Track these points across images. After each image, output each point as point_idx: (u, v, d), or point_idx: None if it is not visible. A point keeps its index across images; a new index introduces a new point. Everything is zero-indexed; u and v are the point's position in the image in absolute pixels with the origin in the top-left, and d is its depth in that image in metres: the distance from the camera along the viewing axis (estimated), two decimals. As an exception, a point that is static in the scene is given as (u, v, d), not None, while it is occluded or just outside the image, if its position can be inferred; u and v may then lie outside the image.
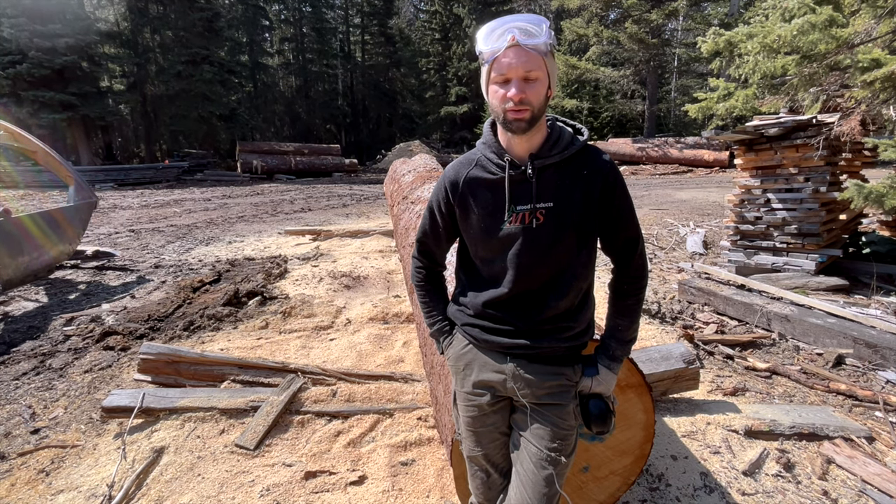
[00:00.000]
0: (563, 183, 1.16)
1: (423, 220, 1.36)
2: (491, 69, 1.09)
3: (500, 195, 1.18)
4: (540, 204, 1.15)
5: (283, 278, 5.01)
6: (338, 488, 1.98)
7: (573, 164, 1.16)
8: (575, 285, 1.20)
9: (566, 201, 1.15)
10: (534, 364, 1.22)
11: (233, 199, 12.62)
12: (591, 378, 1.24)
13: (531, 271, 1.18)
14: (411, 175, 4.89)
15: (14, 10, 16.61)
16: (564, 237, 1.16)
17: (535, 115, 1.09)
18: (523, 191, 1.16)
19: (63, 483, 2.05)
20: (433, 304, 1.42)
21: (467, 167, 1.25)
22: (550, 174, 1.16)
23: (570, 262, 1.18)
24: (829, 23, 3.75)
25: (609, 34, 20.18)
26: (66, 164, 5.15)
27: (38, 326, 3.85)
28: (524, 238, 1.16)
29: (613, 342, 1.26)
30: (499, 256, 1.21)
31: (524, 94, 1.06)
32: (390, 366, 3.05)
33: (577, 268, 1.19)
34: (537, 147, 1.16)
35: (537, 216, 1.15)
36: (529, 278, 1.19)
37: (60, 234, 4.90)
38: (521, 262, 1.18)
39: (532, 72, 1.06)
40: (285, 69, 33.45)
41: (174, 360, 2.74)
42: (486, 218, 1.20)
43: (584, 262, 1.20)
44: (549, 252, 1.16)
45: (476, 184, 1.22)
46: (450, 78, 33.86)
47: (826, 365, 3.01)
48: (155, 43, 23.56)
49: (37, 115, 16.86)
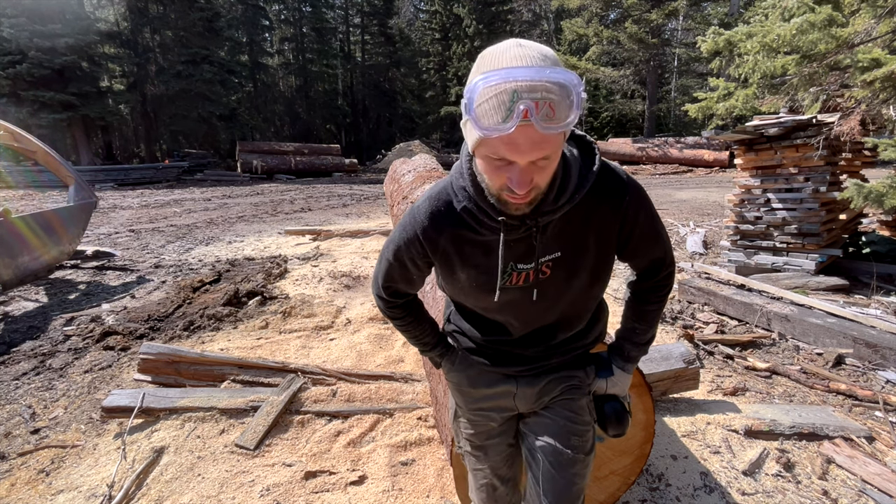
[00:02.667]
0: (572, 227, 0.96)
1: (388, 268, 1.12)
2: (482, 142, 0.78)
3: (495, 257, 0.97)
4: (544, 257, 0.97)
5: (283, 278, 5.01)
6: (338, 488, 1.98)
7: (584, 202, 0.93)
8: (586, 314, 1.12)
9: (577, 248, 0.98)
10: (542, 375, 1.14)
11: (233, 199, 12.62)
12: (606, 380, 1.16)
13: (537, 320, 1.07)
14: (411, 175, 4.89)
15: (14, 10, 16.61)
16: (575, 284, 1.01)
17: (540, 193, 0.86)
18: (522, 249, 0.96)
19: (63, 483, 2.05)
20: (421, 328, 1.24)
21: (448, 220, 0.98)
22: (556, 222, 0.94)
23: (583, 299, 1.07)
24: (828, 22, 3.75)
25: (609, 34, 20.19)
26: (66, 164, 5.15)
27: (38, 326, 3.85)
28: (526, 294, 1.01)
29: (629, 344, 1.17)
30: (495, 310, 1.06)
31: (531, 181, 0.80)
32: (390, 366, 3.05)
33: (589, 300, 1.09)
34: (541, 199, 0.89)
35: (543, 270, 0.98)
36: (535, 325, 1.08)
37: (60, 235, 4.90)
38: (523, 316, 1.06)
39: (548, 154, 0.78)
40: (285, 69, 33.45)
41: (174, 359, 2.74)
42: (480, 277, 1.01)
43: (597, 294, 1.09)
44: (557, 301, 1.03)
45: (462, 243, 0.99)
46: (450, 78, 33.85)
47: (826, 365, 3.01)
48: (155, 43, 23.55)
49: (37, 115, 16.86)
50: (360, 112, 35.31)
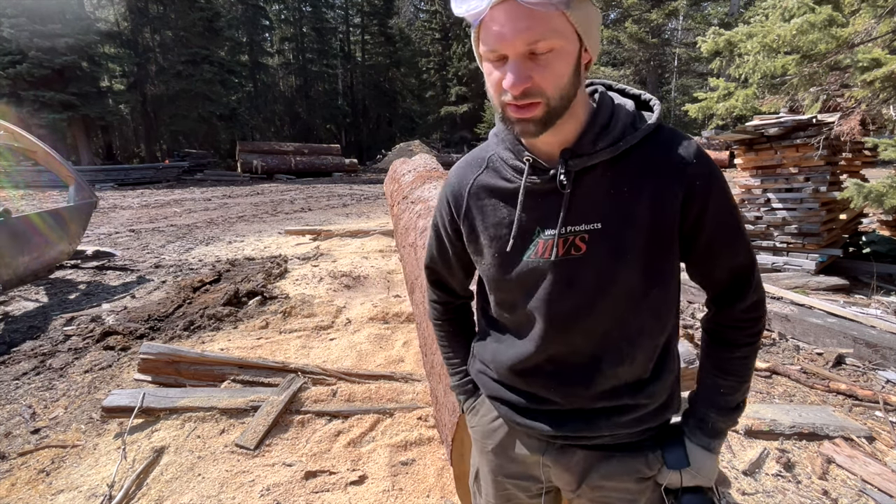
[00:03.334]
0: (618, 191, 0.74)
1: (429, 240, 1.01)
2: (479, 38, 0.69)
3: (520, 213, 0.81)
4: (579, 226, 0.75)
5: (283, 278, 5.01)
6: (338, 488, 1.98)
7: (637, 158, 0.74)
8: (644, 343, 0.80)
9: (624, 219, 0.74)
10: (587, 452, 0.85)
11: (233, 199, 12.62)
12: (681, 471, 0.83)
13: (570, 325, 0.79)
14: (411, 175, 4.89)
15: (14, 10, 16.61)
16: (622, 274, 0.75)
17: (551, 110, 0.69)
18: (551, 207, 0.77)
19: (63, 483, 2.05)
20: (452, 349, 1.07)
21: (474, 170, 0.87)
22: (597, 178, 0.75)
23: (636, 310, 0.77)
24: (828, 22, 3.75)
25: (609, 34, 20.19)
26: (67, 164, 5.15)
27: (38, 326, 3.85)
28: (554, 277, 0.78)
29: (714, 412, 0.83)
30: (520, 300, 0.83)
31: (529, 79, 0.66)
32: (390, 365, 3.05)
33: (646, 317, 0.78)
34: (574, 138, 0.75)
35: (576, 244, 0.76)
36: (568, 334, 0.80)
37: (61, 234, 4.90)
38: (552, 312, 0.79)
39: (539, 42, 0.64)
40: (285, 69, 33.47)
41: (174, 359, 2.74)
42: (500, 245, 0.83)
43: (658, 307, 0.79)
44: (597, 297, 0.77)
45: (485, 194, 0.85)
46: (450, 78, 33.87)
47: (826, 365, 3.01)
48: (155, 43, 23.56)
49: (37, 115, 16.86)
50: (360, 112, 35.32)
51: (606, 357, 0.80)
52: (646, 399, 0.82)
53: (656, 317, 0.80)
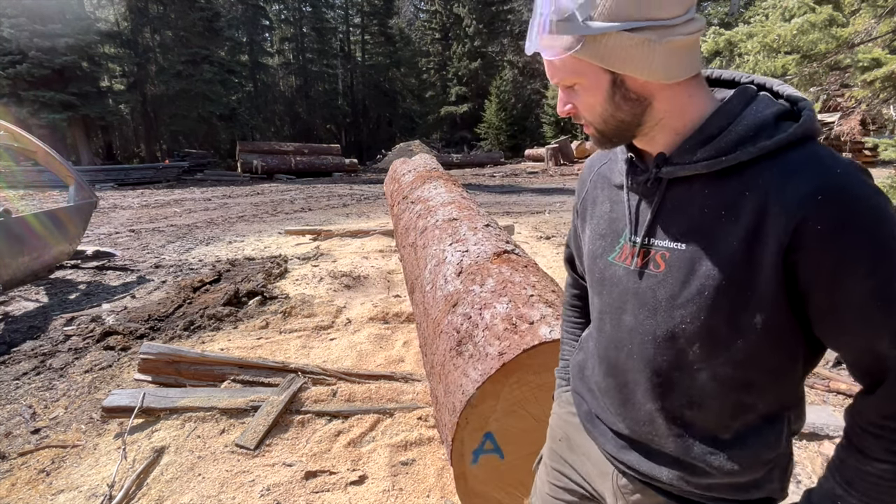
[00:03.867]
0: (713, 213, 0.64)
1: None
2: None
3: (619, 210, 0.77)
4: (662, 241, 0.68)
5: (283, 278, 5.01)
6: (338, 488, 1.98)
7: (749, 179, 0.62)
8: (721, 393, 0.67)
9: (711, 248, 0.63)
10: (644, 487, 0.77)
11: (233, 199, 12.62)
12: None
13: (633, 344, 0.73)
14: (411, 175, 4.89)
15: (14, 10, 16.61)
16: (697, 311, 0.64)
17: (601, 132, 0.70)
18: (642, 212, 0.72)
19: (63, 483, 2.05)
20: (564, 334, 1.06)
21: (602, 158, 0.86)
22: (692, 193, 0.66)
23: (710, 355, 0.66)
24: (828, 22, 3.75)
25: (609, 34, 20.16)
26: (67, 164, 5.15)
27: (38, 326, 3.85)
28: (628, 287, 0.73)
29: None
30: (597, 301, 0.81)
31: (570, 106, 0.70)
32: (390, 365, 3.05)
33: (726, 368, 0.66)
34: (674, 142, 0.68)
35: (657, 260, 0.69)
36: (630, 353, 0.74)
37: (61, 234, 4.90)
38: (618, 323, 0.75)
39: (562, 80, 0.68)
40: (285, 69, 33.48)
41: (174, 359, 2.74)
42: (596, 239, 0.81)
43: (746, 363, 0.65)
44: (665, 327, 0.68)
45: (601, 184, 0.83)
46: (450, 78, 33.88)
47: (826, 364, 3.01)
48: (155, 43, 23.57)
49: (37, 115, 16.87)
50: (360, 112, 35.33)
51: (668, 393, 0.70)
52: (720, 462, 0.68)
53: (743, 371, 0.65)
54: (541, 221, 8.22)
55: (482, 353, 1.52)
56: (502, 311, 1.65)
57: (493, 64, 33.52)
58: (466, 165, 23.43)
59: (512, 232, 6.46)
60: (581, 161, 21.35)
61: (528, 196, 12.19)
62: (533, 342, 1.41)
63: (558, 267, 5.18)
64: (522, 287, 1.79)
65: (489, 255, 2.14)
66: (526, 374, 1.43)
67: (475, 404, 1.42)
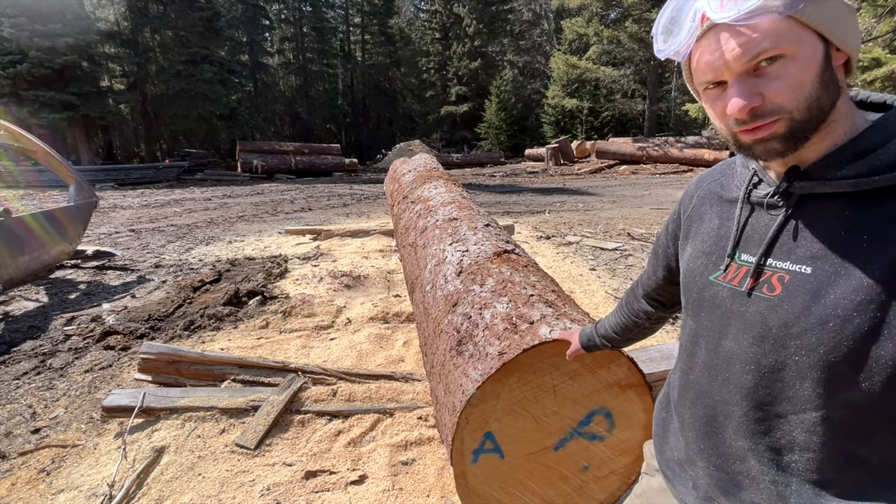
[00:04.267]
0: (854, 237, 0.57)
1: None
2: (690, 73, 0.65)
3: (729, 226, 0.70)
4: (783, 262, 0.62)
5: (283, 278, 5.01)
6: (338, 488, 1.98)
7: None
8: (838, 445, 0.59)
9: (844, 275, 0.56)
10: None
11: (233, 199, 12.63)
12: None
13: (724, 369, 0.67)
14: (411, 175, 4.89)
15: (14, 9, 16.62)
16: (822, 344, 0.57)
17: (797, 123, 0.57)
18: (759, 230, 0.66)
19: (64, 482, 2.05)
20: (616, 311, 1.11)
21: (714, 175, 0.79)
22: (829, 213, 0.60)
23: (823, 395, 0.58)
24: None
25: (609, 33, 20.19)
26: (67, 164, 5.15)
27: (38, 326, 3.85)
28: (732, 309, 0.67)
29: None
30: (692, 323, 0.75)
31: (758, 97, 0.57)
32: (390, 365, 3.05)
33: (841, 410, 0.58)
34: (817, 156, 0.61)
35: (772, 283, 0.62)
36: (716, 380, 0.68)
37: (61, 234, 4.91)
38: (712, 347, 0.69)
39: (765, 52, 0.55)
40: (285, 69, 33.49)
41: (175, 359, 2.74)
42: (698, 257, 0.74)
43: (869, 411, 0.57)
44: (771, 355, 0.62)
45: (710, 200, 0.77)
46: (450, 77, 33.88)
47: None
48: (155, 42, 23.58)
49: (37, 114, 16.88)
50: (360, 112, 35.34)
51: (767, 431, 0.63)
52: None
53: (860, 416, 0.57)
54: (541, 221, 8.22)
55: (482, 352, 1.52)
56: (502, 311, 1.65)
57: (493, 64, 33.53)
58: (466, 165, 23.44)
59: (512, 232, 6.46)
60: (581, 161, 21.37)
61: (528, 196, 12.19)
62: (533, 342, 1.41)
63: (558, 267, 5.18)
64: (522, 287, 1.80)
65: (489, 255, 2.14)
66: (526, 374, 1.43)
67: (475, 404, 1.42)
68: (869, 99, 0.66)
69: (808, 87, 0.56)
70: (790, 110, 0.56)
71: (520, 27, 34.05)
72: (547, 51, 33.84)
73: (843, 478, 0.59)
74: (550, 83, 27.74)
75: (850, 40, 0.56)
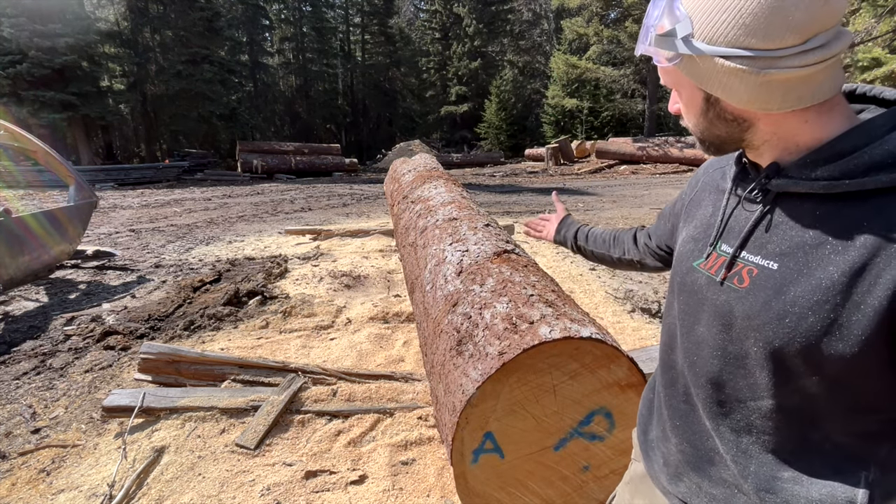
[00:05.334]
0: (819, 239, 0.58)
1: None
2: None
3: (716, 217, 0.74)
4: (754, 256, 0.65)
5: (283, 278, 5.01)
6: (338, 488, 1.98)
7: (873, 211, 0.55)
8: (791, 430, 0.63)
9: (805, 276, 0.58)
10: None
11: (233, 199, 12.62)
12: None
13: (695, 352, 0.72)
14: (411, 174, 4.89)
15: (14, 9, 16.62)
16: (777, 338, 0.59)
17: (701, 141, 0.69)
18: (739, 222, 0.69)
19: (64, 482, 2.05)
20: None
21: (719, 163, 0.83)
22: (800, 212, 0.61)
23: (786, 385, 0.61)
24: (829, 22, 3.75)
25: (609, 33, 20.20)
26: (67, 164, 5.15)
27: (38, 326, 3.85)
28: (705, 297, 0.70)
29: None
30: (674, 301, 0.79)
31: (676, 108, 0.72)
32: (391, 365, 3.05)
33: (798, 399, 0.61)
34: (795, 155, 0.62)
35: (742, 275, 0.65)
36: (688, 361, 0.73)
37: (61, 234, 4.90)
38: (686, 330, 0.73)
39: (668, 85, 0.70)
40: (285, 69, 33.50)
41: (175, 359, 2.74)
42: (688, 242, 0.79)
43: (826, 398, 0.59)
44: (736, 343, 0.65)
45: (709, 188, 0.81)
46: (450, 77, 33.89)
47: None
48: (155, 42, 23.58)
49: (37, 114, 16.89)
50: (360, 112, 35.35)
51: (728, 413, 0.68)
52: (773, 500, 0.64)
53: (811, 404, 0.61)
54: (541, 221, 8.21)
55: (482, 352, 1.52)
56: (502, 311, 1.65)
57: (493, 64, 33.54)
58: (466, 165, 23.45)
59: (512, 232, 6.46)
60: (581, 160, 21.37)
61: (528, 196, 12.19)
62: (533, 342, 1.41)
63: (558, 267, 5.18)
64: (522, 287, 1.80)
65: (489, 255, 2.14)
66: (526, 374, 1.43)
67: (475, 404, 1.42)
68: (882, 95, 0.65)
69: (693, 118, 0.68)
70: (691, 127, 0.69)
71: (520, 27, 34.06)
72: (547, 51, 33.86)
73: (798, 461, 0.63)
74: (550, 83, 27.75)
75: (731, 95, 0.60)
